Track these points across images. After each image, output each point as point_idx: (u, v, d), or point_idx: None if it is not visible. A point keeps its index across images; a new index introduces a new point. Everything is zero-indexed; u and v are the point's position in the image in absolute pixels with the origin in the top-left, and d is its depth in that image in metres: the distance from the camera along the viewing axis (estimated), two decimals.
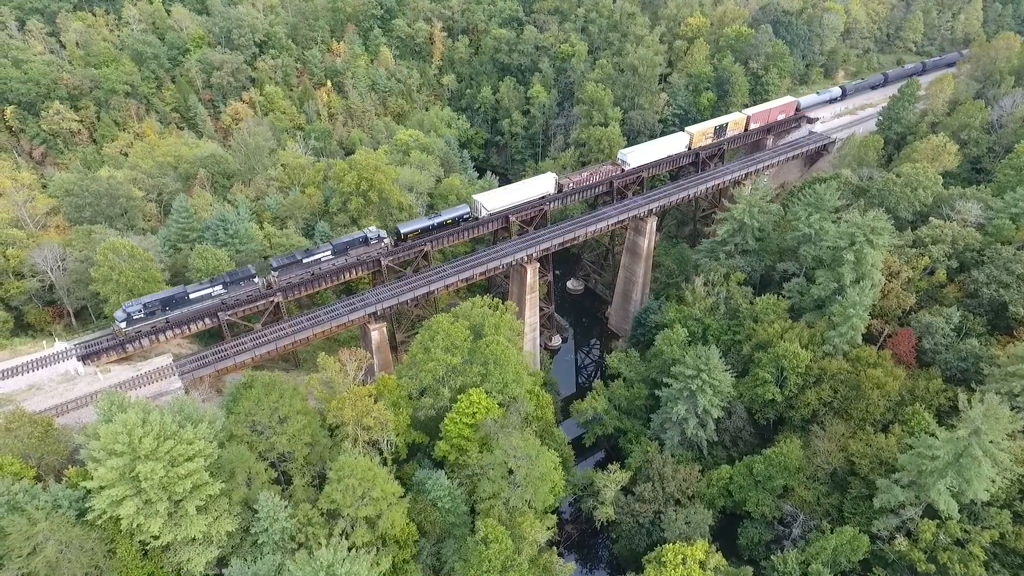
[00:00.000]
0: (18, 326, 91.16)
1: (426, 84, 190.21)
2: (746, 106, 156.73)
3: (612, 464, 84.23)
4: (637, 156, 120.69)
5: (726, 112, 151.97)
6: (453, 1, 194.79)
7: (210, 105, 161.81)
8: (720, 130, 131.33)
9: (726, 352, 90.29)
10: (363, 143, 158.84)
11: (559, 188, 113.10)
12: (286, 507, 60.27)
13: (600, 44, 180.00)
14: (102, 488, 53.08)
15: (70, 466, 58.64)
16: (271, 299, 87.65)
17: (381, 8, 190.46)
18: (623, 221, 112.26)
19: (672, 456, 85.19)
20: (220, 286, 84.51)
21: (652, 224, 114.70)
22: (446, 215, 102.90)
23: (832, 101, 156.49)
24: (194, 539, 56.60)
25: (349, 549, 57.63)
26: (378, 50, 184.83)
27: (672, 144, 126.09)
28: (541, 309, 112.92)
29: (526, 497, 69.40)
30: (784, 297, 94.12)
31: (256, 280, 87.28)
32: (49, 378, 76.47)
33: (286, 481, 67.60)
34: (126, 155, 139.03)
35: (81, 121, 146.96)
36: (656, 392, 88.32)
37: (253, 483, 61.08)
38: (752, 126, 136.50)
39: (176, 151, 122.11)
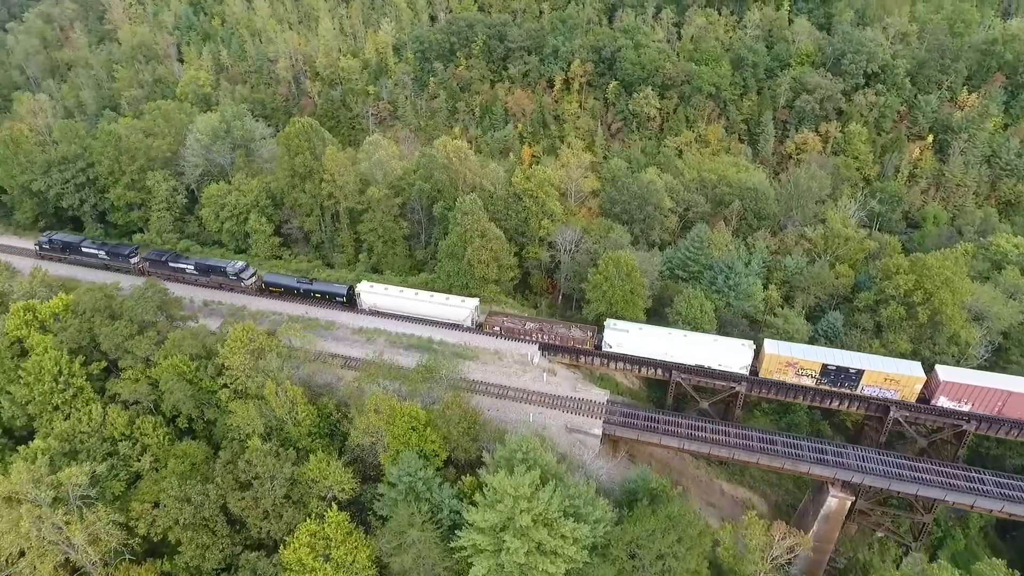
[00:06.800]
0: (523, 284, 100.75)
1: None
2: None
3: None
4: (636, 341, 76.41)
5: None
6: None
7: (781, 126, 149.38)
8: (838, 375, 70.99)
9: None
10: (939, 225, 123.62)
11: (478, 325, 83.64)
12: None
13: None
14: (472, 526, 50.19)
15: (470, 472, 58.15)
16: (732, 385, 73.31)
17: None
18: None
19: None
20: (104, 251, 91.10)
21: None
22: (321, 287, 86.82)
23: None
24: None
25: None
26: (1022, 114, 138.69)
27: (714, 353, 73.89)
28: None
29: None
30: None
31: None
32: (510, 351, 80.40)
33: None
34: (680, 152, 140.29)
35: (660, 109, 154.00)
36: None
37: None
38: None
39: (723, 170, 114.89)
